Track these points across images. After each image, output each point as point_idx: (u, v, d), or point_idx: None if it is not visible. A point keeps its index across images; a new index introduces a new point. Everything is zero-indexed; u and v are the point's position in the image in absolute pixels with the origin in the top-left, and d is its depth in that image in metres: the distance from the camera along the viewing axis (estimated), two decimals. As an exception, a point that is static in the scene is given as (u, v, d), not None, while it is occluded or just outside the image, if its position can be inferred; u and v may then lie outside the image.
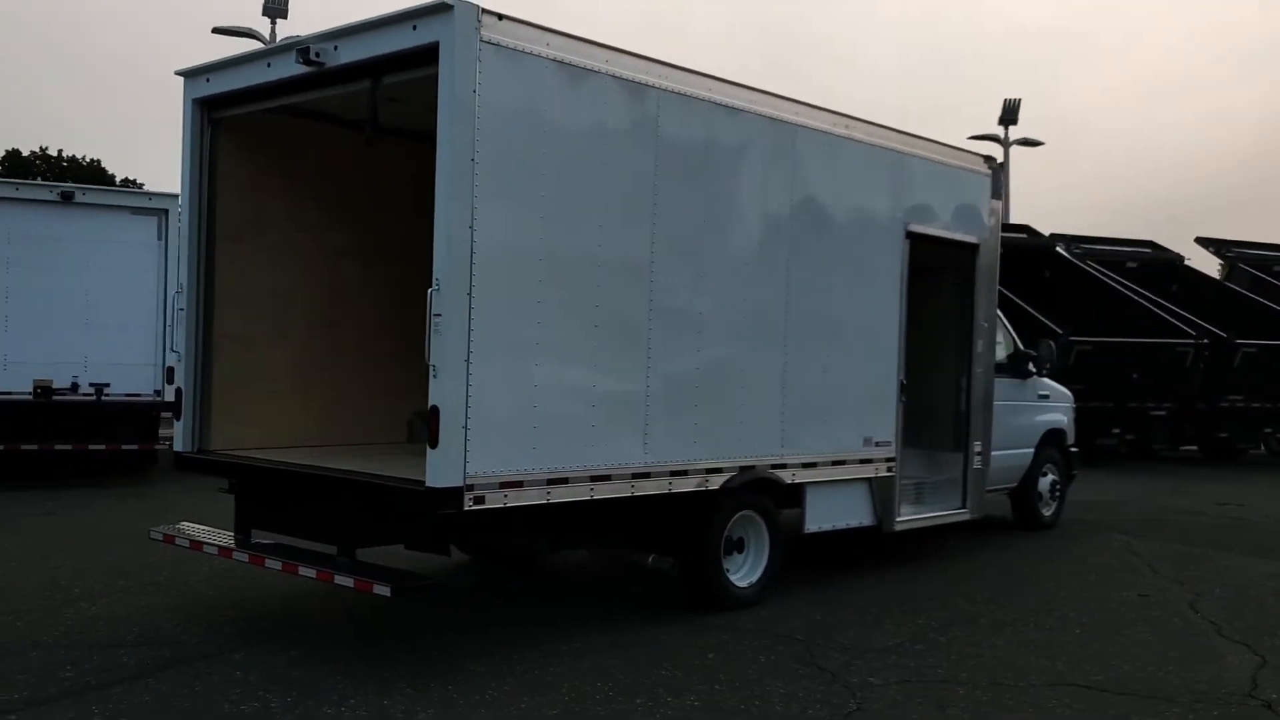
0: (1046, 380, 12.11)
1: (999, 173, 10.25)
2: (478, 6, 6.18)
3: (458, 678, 6.24)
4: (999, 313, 11.67)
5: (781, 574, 8.47)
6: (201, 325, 7.89)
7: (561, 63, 6.64)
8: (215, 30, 24.09)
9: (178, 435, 7.88)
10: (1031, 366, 11.59)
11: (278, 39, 24.82)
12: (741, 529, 8.12)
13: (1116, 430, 22.04)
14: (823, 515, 8.63)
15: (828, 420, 8.57)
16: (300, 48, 6.79)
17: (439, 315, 6.10)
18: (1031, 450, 11.66)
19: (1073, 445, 12.46)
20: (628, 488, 7.15)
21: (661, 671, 6.43)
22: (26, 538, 10.49)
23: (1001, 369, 11.44)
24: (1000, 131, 34.92)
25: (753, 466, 7.97)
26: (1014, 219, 28.45)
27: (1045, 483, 11.95)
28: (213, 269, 7.94)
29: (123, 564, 9.11)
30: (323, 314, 8.59)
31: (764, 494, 8.14)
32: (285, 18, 24.80)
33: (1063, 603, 8.41)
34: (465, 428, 6.19)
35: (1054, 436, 12.05)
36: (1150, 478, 19.07)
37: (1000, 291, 20.75)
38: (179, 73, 7.84)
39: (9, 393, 13.87)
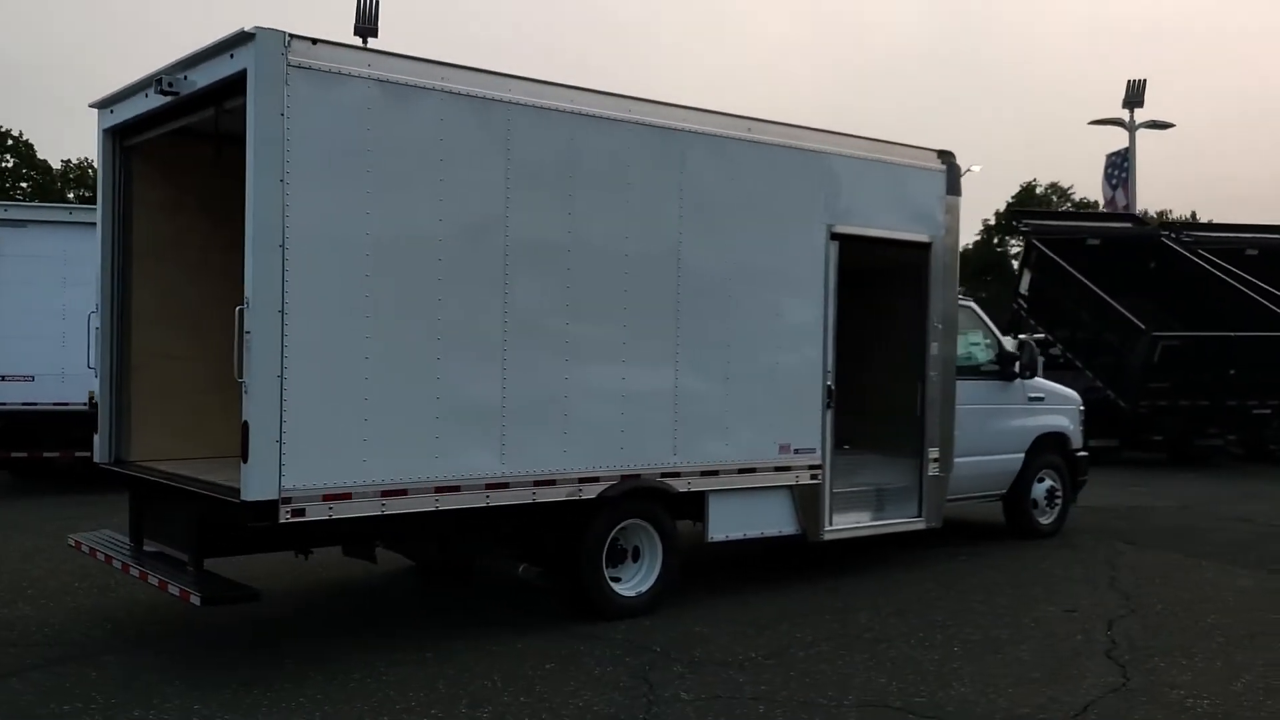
0: (1042, 381, 11.56)
1: (956, 167, 9.85)
2: (284, 34, 6.37)
3: (288, 683, 6.42)
4: (980, 313, 11.28)
5: (708, 580, 8.39)
6: (118, 342, 8.32)
7: (387, 82, 6.76)
8: (310, 50, 25.01)
9: (96, 446, 8.34)
10: (1016, 368, 11.07)
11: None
12: (636, 538, 8.09)
13: (1214, 430, 20.79)
14: (729, 524, 8.50)
15: (731, 428, 8.43)
16: (157, 78, 7.11)
17: (249, 332, 6.31)
18: (1021, 455, 11.15)
19: (1080, 450, 11.83)
20: (482, 499, 7.21)
21: (484, 681, 6.49)
22: (38, 537, 11.19)
23: (985, 372, 11.05)
24: (1125, 115, 33.18)
25: (638, 475, 7.92)
26: (1168, 206, 27.03)
27: (1041, 489, 11.40)
28: (130, 288, 8.36)
29: (90, 566, 9.64)
30: (247, 329, 8.92)
31: (654, 502, 8.08)
32: (376, 36, 25.61)
33: (971, 617, 8.06)
34: (280, 442, 6.37)
35: (1052, 441, 11.49)
36: (1241, 480, 18.01)
37: (1081, 283, 20.24)
38: (91, 105, 8.30)
39: (65, 403, 14.84)
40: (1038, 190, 65.50)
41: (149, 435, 8.43)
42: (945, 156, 9.87)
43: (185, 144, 8.30)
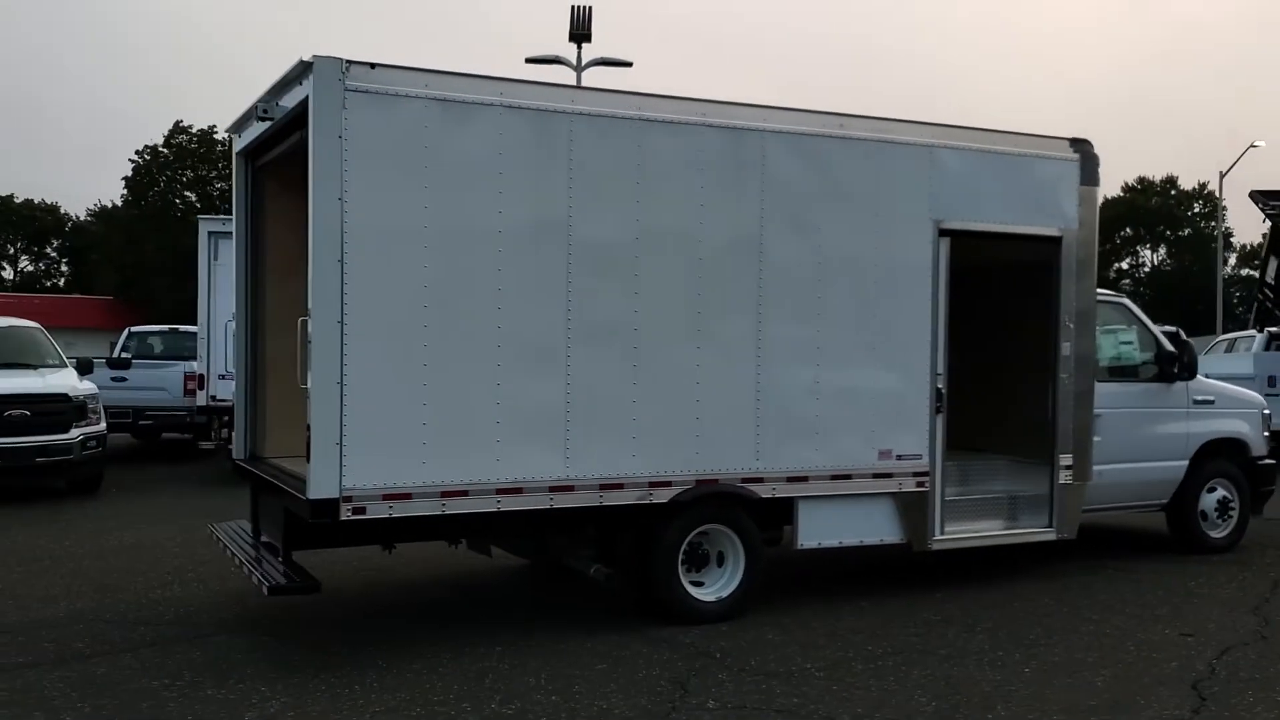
0: (1211, 383, 10.65)
1: (1093, 156, 9.22)
2: (341, 61, 6.76)
3: (353, 671, 6.80)
4: (1135, 310, 10.51)
5: (814, 584, 8.35)
6: (251, 348, 9.03)
7: (445, 100, 7.04)
8: (528, 60, 26.07)
9: (234, 443, 9.10)
10: (1176, 369, 10.24)
11: (582, 64, 26.35)
12: (719, 543, 8.07)
13: None
14: (821, 531, 8.33)
15: (823, 433, 8.25)
16: (256, 104, 7.69)
17: (310, 342, 6.75)
18: (1183, 463, 10.31)
19: (1263, 457, 10.81)
20: (545, 500, 7.39)
21: (529, 678, 6.67)
22: (191, 519, 12.12)
23: (1139, 373, 10.32)
24: None
25: (715, 480, 7.89)
26: None
27: (1211, 499, 10.51)
28: (262, 299, 9.06)
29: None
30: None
31: (735, 508, 8.03)
32: (589, 42, 26.29)
33: (1069, 636, 7.58)
34: (340, 445, 6.78)
35: (1225, 447, 10.56)
36: None
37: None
38: (225, 130, 9.04)
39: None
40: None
41: (281, 433, 9.10)
42: (1079, 145, 9.27)
43: (304, 162, 8.89)
